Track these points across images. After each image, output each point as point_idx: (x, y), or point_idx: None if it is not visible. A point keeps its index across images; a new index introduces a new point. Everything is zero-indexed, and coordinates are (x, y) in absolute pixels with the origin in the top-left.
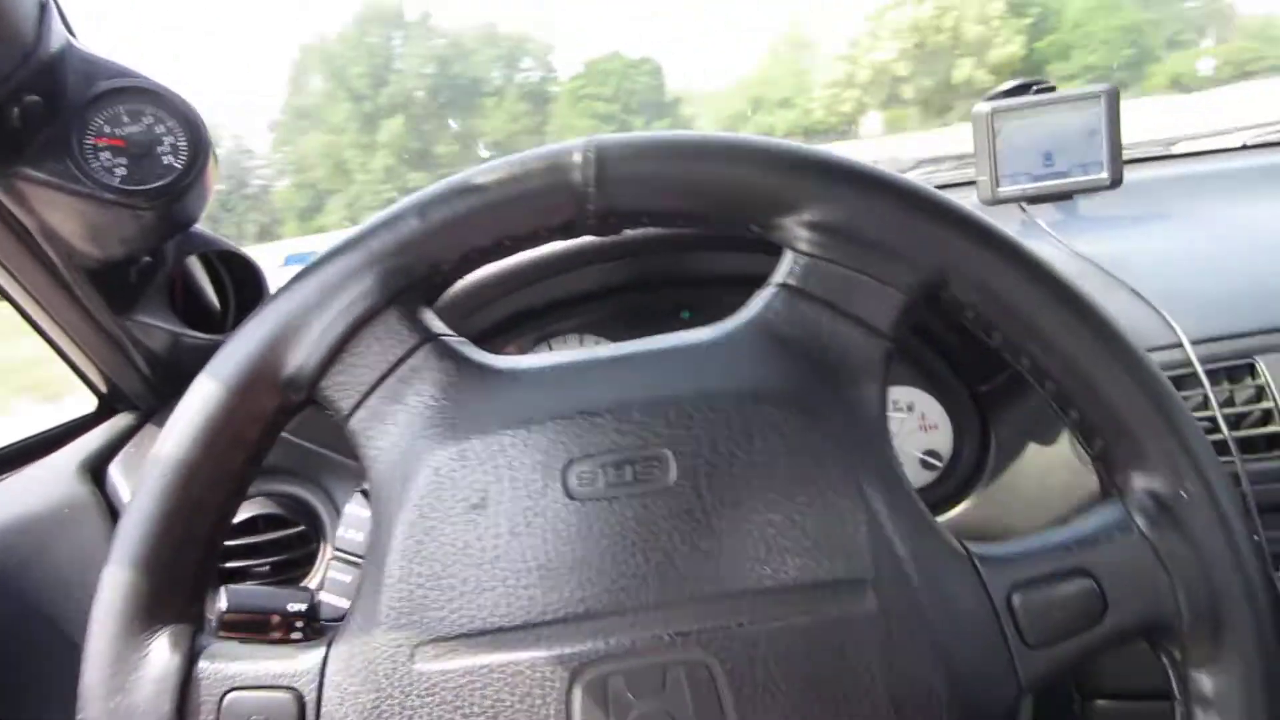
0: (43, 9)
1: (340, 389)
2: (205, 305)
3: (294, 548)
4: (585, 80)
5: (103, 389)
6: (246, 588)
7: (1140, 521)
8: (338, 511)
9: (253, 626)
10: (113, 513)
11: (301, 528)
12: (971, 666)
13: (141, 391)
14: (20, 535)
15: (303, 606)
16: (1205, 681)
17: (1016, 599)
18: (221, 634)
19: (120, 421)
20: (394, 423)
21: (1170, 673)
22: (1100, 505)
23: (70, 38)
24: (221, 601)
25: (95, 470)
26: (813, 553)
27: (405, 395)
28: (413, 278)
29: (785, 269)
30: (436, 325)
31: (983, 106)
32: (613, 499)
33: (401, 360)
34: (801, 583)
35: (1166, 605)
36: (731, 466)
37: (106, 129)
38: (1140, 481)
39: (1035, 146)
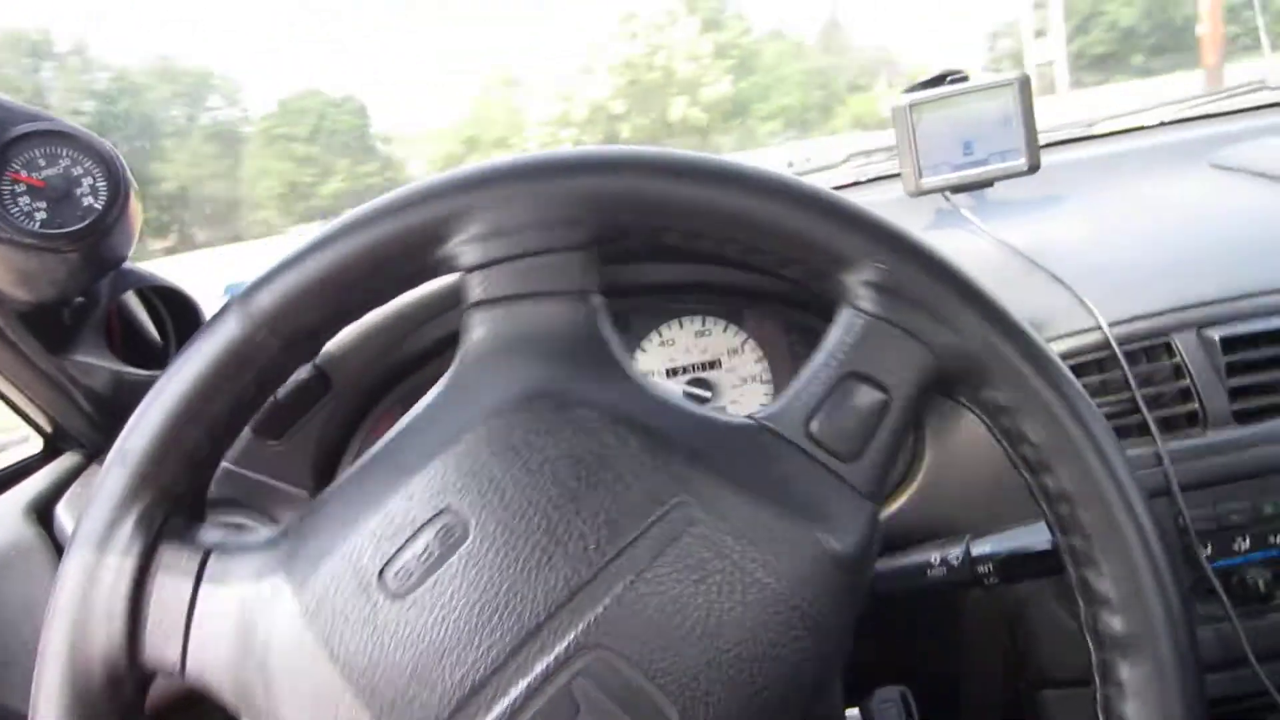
0: None
1: (160, 649)
2: (146, 341)
3: None
4: (279, 119)
5: (48, 429)
6: None
7: (868, 308)
8: None
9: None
10: (60, 553)
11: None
12: (818, 505)
13: (86, 430)
14: None
15: None
16: (997, 395)
17: (813, 427)
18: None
19: (66, 461)
20: (223, 643)
21: (973, 407)
22: (834, 317)
23: None
24: None
25: (42, 511)
26: (623, 508)
27: (213, 616)
28: (161, 514)
29: (465, 291)
30: (209, 536)
31: (902, 99)
32: (434, 578)
33: (195, 591)
34: (631, 537)
35: (929, 360)
36: (513, 485)
37: (24, 173)
38: (848, 279)
39: (954, 136)
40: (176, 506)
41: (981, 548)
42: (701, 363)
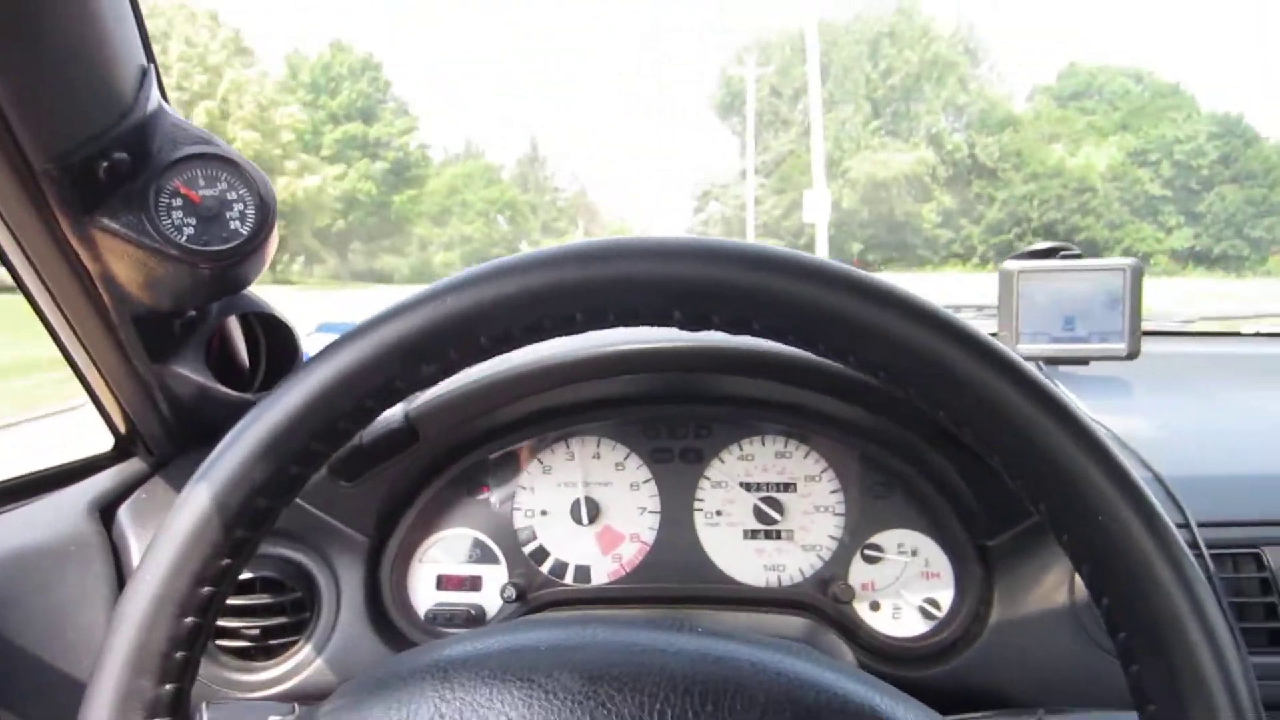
0: (144, 73)
1: None
2: (236, 362)
3: (287, 613)
4: None
5: (122, 430)
6: (228, 705)
7: None
8: (336, 581)
9: None
10: (117, 556)
11: (297, 594)
12: None
13: (160, 437)
14: (25, 566)
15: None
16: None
17: None
18: None
19: (132, 466)
20: None
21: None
22: None
23: (163, 102)
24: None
25: (104, 511)
26: None
27: None
28: None
29: None
30: None
31: (1011, 265)
32: None
33: None
34: None
35: None
36: None
37: (182, 190)
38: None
39: (1057, 309)
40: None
41: None
42: (777, 483)
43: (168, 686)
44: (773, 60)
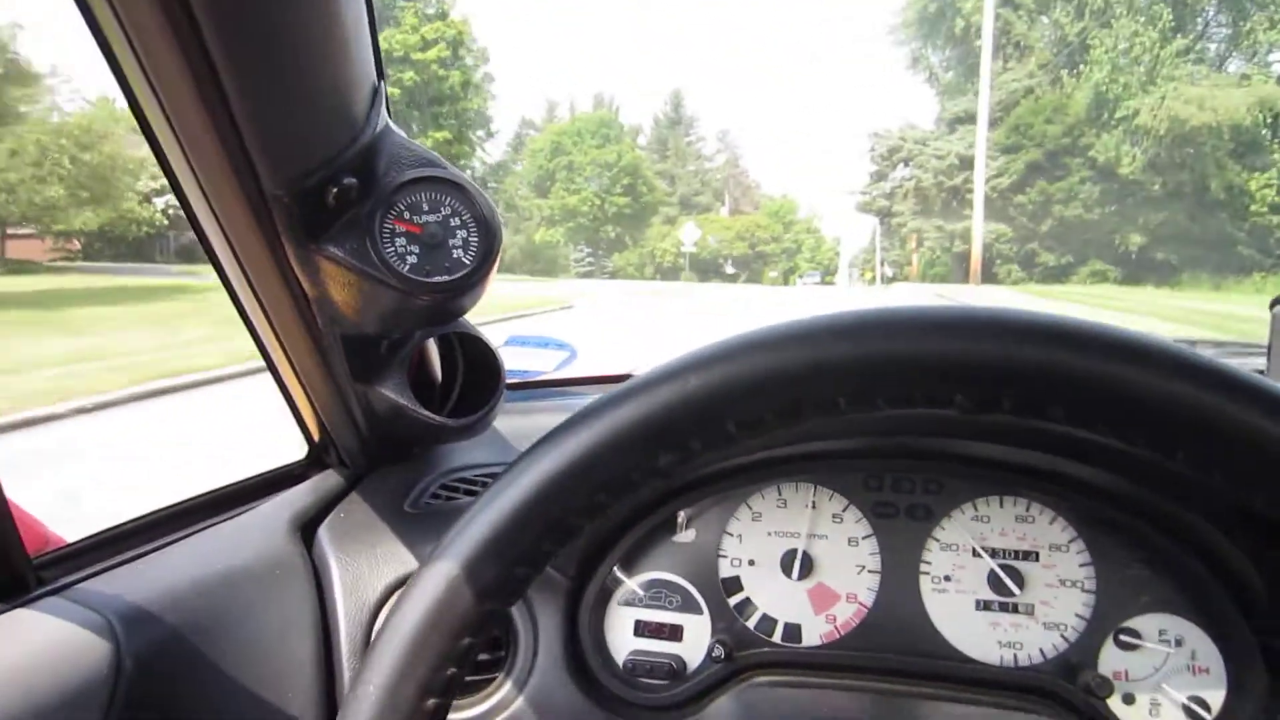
0: (375, 92)
1: None
2: (431, 379)
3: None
4: None
5: (316, 439)
6: None
7: None
8: (534, 621)
9: None
10: (318, 578)
11: (494, 633)
12: None
13: (355, 450)
14: (233, 589)
15: None
16: None
17: None
18: None
19: (328, 480)
20: None
21: None
22: None
23: (389, 121)
24: None
25: (305, 529)
26: None
27: None
28: None
29: None
30: None
31: None
32: None
33: None
34: None
35: None
36: None
37: (407, 215)
38: None
39: None
40: None
41: None
42: (1017, 550)
43: None
44: None
